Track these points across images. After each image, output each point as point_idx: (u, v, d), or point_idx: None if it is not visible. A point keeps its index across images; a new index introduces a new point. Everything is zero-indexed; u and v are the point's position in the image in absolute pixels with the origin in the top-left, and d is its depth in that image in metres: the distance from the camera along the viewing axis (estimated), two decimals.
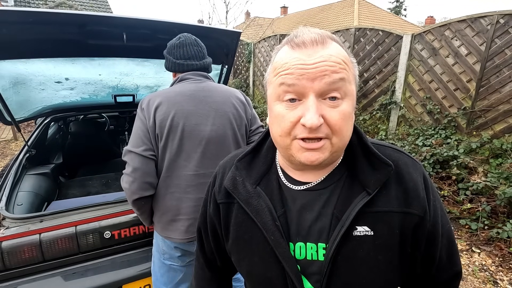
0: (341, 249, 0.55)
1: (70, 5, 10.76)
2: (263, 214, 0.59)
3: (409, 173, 0.58)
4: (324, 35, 0.53)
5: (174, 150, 1.26)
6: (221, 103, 1.34)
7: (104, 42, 1.77)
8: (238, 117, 1.38)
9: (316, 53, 0.51)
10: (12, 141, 6.07)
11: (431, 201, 0.58)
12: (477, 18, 3.59)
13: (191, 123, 1.27)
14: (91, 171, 2.62)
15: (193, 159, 1.28)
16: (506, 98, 3.40)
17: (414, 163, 0.61)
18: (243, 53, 8.27)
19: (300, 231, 0.58)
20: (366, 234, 0.55)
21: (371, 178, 0.57)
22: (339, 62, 0.51)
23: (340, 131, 0.52)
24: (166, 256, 1.37)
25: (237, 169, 0.66)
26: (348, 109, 0.52)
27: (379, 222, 0.55)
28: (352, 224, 0.55)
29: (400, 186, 0.57)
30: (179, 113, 1.26)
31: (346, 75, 0.51)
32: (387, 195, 0.56)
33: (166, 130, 1.24)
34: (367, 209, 0.55)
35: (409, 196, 0.56)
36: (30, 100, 2.08)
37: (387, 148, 0.62)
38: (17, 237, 1.37)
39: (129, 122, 3.64)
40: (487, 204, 2.95)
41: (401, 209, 0.56)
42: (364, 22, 14.54)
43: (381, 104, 4.82)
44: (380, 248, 0.55)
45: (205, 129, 1.29)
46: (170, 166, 1.27)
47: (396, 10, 30.12)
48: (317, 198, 0.59)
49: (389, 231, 0.55)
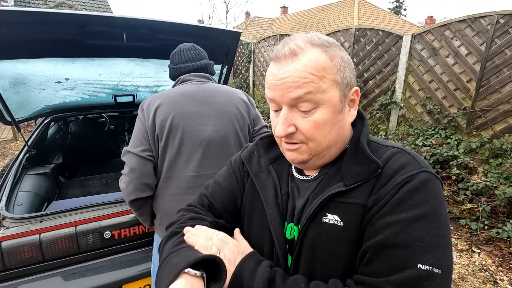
0: (309, 231, 0.58)
1: (70, 5, 10.76)
2: (268, 188, 0.66)
3: (392, 170, 0.54)
4: (302, 44, 0.54)
5: (174, 151, 1.25)
6: (222, 104, 1.33)
7: (104, 42, 1.77)
8: (241, 118, 1.37)
9: (285, 67, 0.54)
10: (12, 141, 6.07)
11: (401, 209, 0.50)
12: (477, 18, 3.59)
13: (192, 123, 1.26)
14: (91, 171, 2.62)
15: (193, 160, 1.26)
16: (506, 98, 3.40)
17: (412, 164, 0.54)
18: (243, 53, 8.27)
19: (292, 214, 0.64)
20: (335, 223, 0.56)
21: (350, 171, 0.57)
22: (304, 77, 0.52)
23: (313, 138, 0.57)
24: None
25: (257, 145, 0.74)
26: (321, 117, 0.55)
27: (348, 214, 0.55)
28: (322, 210, 0.57)
29: (376, 181, 0.55)
30: (179, 113, 1.25)
31: (313, 88, 0.53)
32: (364, 189, 0.56)
33: (166, 131, 1.23)
34: (341, 200, 0.56)
35: (375, 190, 0.54)
36: (30, 100, 2.08)
37: (391, 148, 0.60)
38: (17, 237, 1.37)
39: (129, 122, 3.64)
40: (487, 204, 2.95)
41: (363, 202, 0.55)
42: (364, 22, 14.54)
43: (381, 104, 4.82)
44: (345, 240, 0.55)
45: (206, 129, 1.28)
46: (171, 167, 1.26)
47: (396, 10, 30.11)
48: (309, 187, 0.63)
49: (357, 225, 0.55)
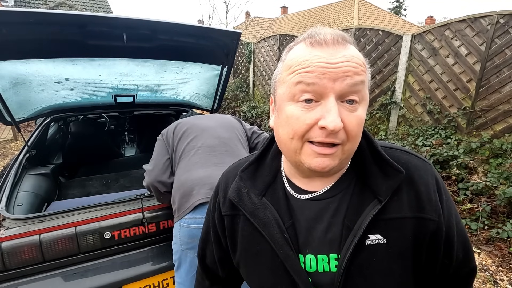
0: (354, 259, 0.52)
1: (70, 5, 10.75)
2: (270, 226, 0.57)
3: (420, 176, 0.56)
4: (345, 36, 0.50)
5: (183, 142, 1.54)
6: (217, 115, 1.76)
7: (104, 42, 1.77)
8: (235, 123, 1.71)
9: (339, 52, 0.48)
10: (12, 141, 6.07)
11: (444, 202, 0.56)
12: (477, 18, 3.59)
13: (194, 122, 1.61)
14: (91, 171, 2.62)
15: (200, 140, 1.53)
16: (506, 98, 3.40)
17: (425, 164, 0.58)
18: (243, 53, 8.27)
19: (310, 243, 0.56)
20: (379, 242, 0.53)
21: (382, 185, 0.54)
22: (361, 64, 0.49)
23: (355, 137, 0.51)
24: (183, 246, 1.35)
25: (241, 179, 0.63)
26: (363, 115, 0.51)
27: (392, 230, 0.53)
28: (365, 233, 0.53)
29: (411, 190, 0.55)
30: (182, 122, 1.63)
31: (365, 78, 0.50)
32: (399, 201, 0.54)
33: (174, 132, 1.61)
34: (379, 217, 0.53)
35: (421, 200, 0.54)
36: (30, 100, 2.08)
37: (395, 150, 0.60)
38: (17, 238, 1.37)
39: (129, 122, 3.64)
40: (487, 204, 2.95)
41: (414, 215, 0.53)
42: (364, 22, 14.53)
43: (381, 104, 4.82)
44: (394, 256, 0.53)
45: (205, 122, 1.62)
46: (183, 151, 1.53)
47: (396, 10, 30.10)
48: (326, 207, 0.56)
49: (403, 238, 0.53)
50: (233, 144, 1.56)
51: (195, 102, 2.81)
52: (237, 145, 1.58)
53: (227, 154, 1.50)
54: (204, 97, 2.71)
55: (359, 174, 0.57)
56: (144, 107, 2.75)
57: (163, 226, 1.64)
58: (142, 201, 1.62)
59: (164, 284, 1.61)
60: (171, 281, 1.62)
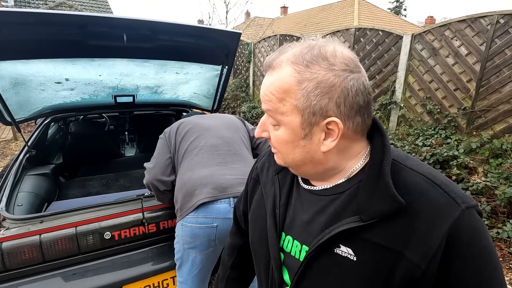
0: (319, 258, 0.55)
1: (70, 5, 10.75)
2: (269, 199, 0.67)
3: (429, 213, 0.47)
4: (284, 59, 0.52)
5: (186, 138, 1.55)
6: (220, 114, 1.75)
7: (105, 42, 1.77)
8: (238, 123, 1.73)
9: (264, 79, 0.57)
10: (12, 141, 6.07)
11: (457, 258, 0.46)
12: (477, 18, 3.59)
13: (197, 121, 1.62)
14: (91, 171, 2.62)
15: (203, 139, 1.53)
16: (506, 98, 3.40)
17: (449, 203, 0.47)
18: (243, 53, 8.27)
19: (292, 227, 0.62)
20: (348, 256, 0.51)
21: (369, 206, 0.50)
22: (267, 94, 0.55)
23: (278, 150, 0.58)
24: (186, 245, 1.37)
25: (268, 155, 0.75)
26: (282, 136, 0.55)
27: (366, 252, 0.50)
28: (335, 241, 0.52)
29: (409, 223, 0.48)
30: (185, 121, 1.64)
31: (271, 107, 0.54)
32: (388, 228, 0.49)
33: (176, 130, 1.62)
34: (359, 233, 0.51)
35: (415, 239, 0.47)
36: (30, 100, 2.08)
37: (419, 175, 0.51)
38: (17, 238, 1.37)
39: (129, 122, 3.65)
40: (487, 204, 2.95)
41: (398, 248, 0.48)
42: (364, 22, 14.53)
43: (381, 104, 4.82)
44: (358, 277, 0.51)
45: (210, 122, 1.63)
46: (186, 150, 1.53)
47: (396, 10, 30.11)
48: (316, 202, 0.59)
49: (375, 266, 0.49)
50: (236, 144, 1.57)
51: (195, 102, 2.81)
52: (240, 145, 1.59)
53: (229, 153, 1.50)
54: (204, 97, 2.71)
55: (359, 185, 0.55)
56: (144, 107, 2.75)
57: (163, 226, 1.64)
58: (142, 201, 1.62)
59: (164, 284, 1.61)
60: (171, 281, 1.62)
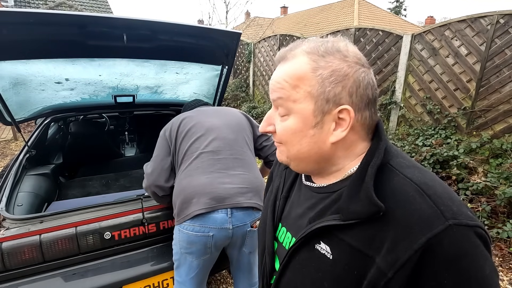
0: (300, 252, 0.58)
1: (70, 5, 10.74)
2: (274, 191, 0.73)
3: (409, 225, 0.44)
4: (298, 50, 0.55)
5: (188, 138, 1.51)
6: (224, 110, 1.70)
7: (104, 43, 1.77)
8: (242, 120, 1.66)
9: (276, 70, 0.58)
10: (12, 141, 6.07)
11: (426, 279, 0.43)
12: (477, 18, 3.59)
13: (200, 119, 1.57)
14: (91, 171, 2.62)
15: (204, 141, 1.49)
16: (506, 98, 3.40)
17: (436, 218, 0.43)
18: (243, 53, 8.27)
19: (287, 218, 0.67)
20: (325, 254, 0.52)
21: (348, 206, 0.50)
22: (279, 82, 0.56)
23: (285, 142, 0.58)
24: (183, 250, 1.39)
25: None
26: (291, 126, 0.56)
27: (341, 252, 0.50)
28: (316, 237, 0.54)
29: (386, 230, 0.46)
30: (188, 117, 1.58)
31: (283, 95, 0.55)
32: (364, 231, 0.48)
33: (178, 129, 1.55)
34: (337, 233, 0.51)
35: (386, 245, 0.45)
36: (30, 100, 2.08)
37: (411, 184, 0.48)
38: (17, 238, 1.37)
39: (129, 122, 3.65)
40: (487, 204, 2.95)
41: (369, 252, 0.47)
42: (364, 22, 14.53)
43: (381, 104, 4.82)
44: (330, 275, 0.51)
45: (212, 120, 1.57)
46: (186, 152, 1.49)
47: (396, 10, 30.10)
48: (309, 198, 0.62)
49: (347, 267, 0.49)
50: (239, 147, 1.53)
51: None
52: (243, 147, 1.55)
53: (231, 158, 1.47)
54: (204, 97, 2.71)
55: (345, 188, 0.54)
56: (144, 107, 2.75)
57: (163, 227, 1.64)
58: (142, 201, 1.62)
59: (164, 284, 1.61)
60: (171, 281, 1.62)
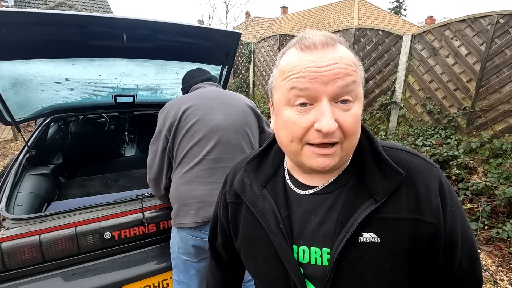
0: (346, 254, 0.54)
1: (70, 5, 10.74)
2: (267, 216, 0.61)
3: (422, 178, 0.55)
4: (334, 38, 0.52)
5: (188, 138, 1.42)
6: (229, 99, 1.53)
7: (104, 43, 1.77)
8: (247, 112, 1.54)
9: (328, 55, 0.49)
10: (12, 141, 6.07)
11: (447, 206, 0.54)
12: (477, 18, 3.59)
13: (204, 113, 1.45)
14: (91, 171, 2.61)
15: (206, 146, 1.40)
16: (506, 98, 3.40)
17: (429, 166, 0.57)
18: (243, 53, 8.27)
19: (304, 235, 0.59)
20: (372, 241, 0.53)
21: (379, 186, 0.54)
22: (351, 64, 0.50)
23: (352, 135, 0.52)
24: (180, 250, 1.41)
25: (245, 171, 0.68)
26: (359, 112, 0.52)
27: (386, 229, 0.53)
28: (358, 230, 0.53)
29: (411, 192, 0.54)
30: (193, 107, 1.45)
31: (357, 78, 0.51)
32: (397, 202, 0.54)
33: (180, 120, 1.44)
34: (374, 215, 0.54)
35: (420, 203, 0.53)
36: (30, 100, 2.08)
37: (399, 151, 0.59)
38: (17, 238, 1.37)
39: (129, 122, 3.65)
40: (487, 204, 2.95)
41: (411, 216, 0.53)
42: (364, 22, 14.53)
43: (381, 104, 4.82)
44: (387, 255, 0.53)
45: (216, 118, 1.45)
46: (186, 154, 1.41)
47: (396, 10, 30.10)
48: (322, 202, 0.58)
49: (397, 239, 0.53)
50: (241, 153, 1.47)
51: None
52: (246, 152, 1.50)
53: (227, 152, 1.45)
54: None
55: (358, 173, 0.58)
56: (144, 107, 2.75)
57: (163, 226, 1.64)
58: (142, 201, 1.62)
59: (164, 284, 1.61)
60: (171, 281, 1.62)
